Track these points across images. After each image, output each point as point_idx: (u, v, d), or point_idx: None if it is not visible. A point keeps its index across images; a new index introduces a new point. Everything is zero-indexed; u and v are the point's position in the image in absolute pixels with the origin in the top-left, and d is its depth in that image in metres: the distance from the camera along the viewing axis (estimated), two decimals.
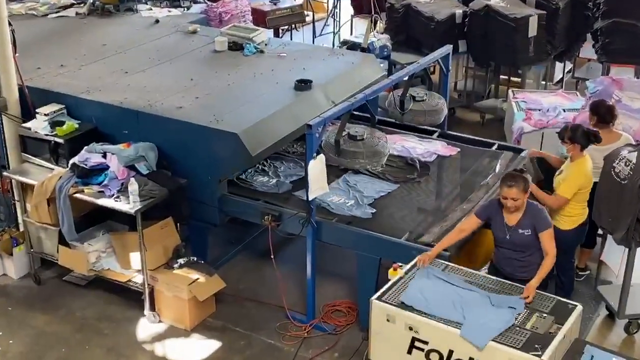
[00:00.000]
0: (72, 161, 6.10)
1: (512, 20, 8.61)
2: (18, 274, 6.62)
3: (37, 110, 6.45)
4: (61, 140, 6.25)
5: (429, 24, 9.11)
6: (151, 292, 6.05)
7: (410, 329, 4.56)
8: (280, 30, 11.22)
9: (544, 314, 4.54)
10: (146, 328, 6.06)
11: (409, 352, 4.61)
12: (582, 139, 5.61)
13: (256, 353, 5.80)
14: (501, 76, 10.00)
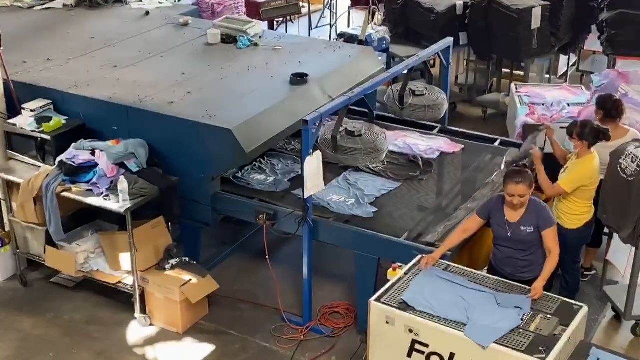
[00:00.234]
0: (59, 158, 6.09)
1: (514, 12, 8.62)
2: (4, 276, 6.61)
3: (23, 106, 6.44)
4: (48, 137, 6.24)
5: (429, 15, 9.12)
6: (142, 294, 6.04)
7: (411, 331, 4.56)
8: (275, 23, 11.20)
9: (549, 315, 4.55)
10: (137, 331, 6.05)
11: (409, 355, 4.61)
12: (590, 136, 5.60)
13: (251, 357, 5.80)
14: (503, 69, 10.01)
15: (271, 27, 10.95)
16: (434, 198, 6.29)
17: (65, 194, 5.97)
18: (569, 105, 7.58)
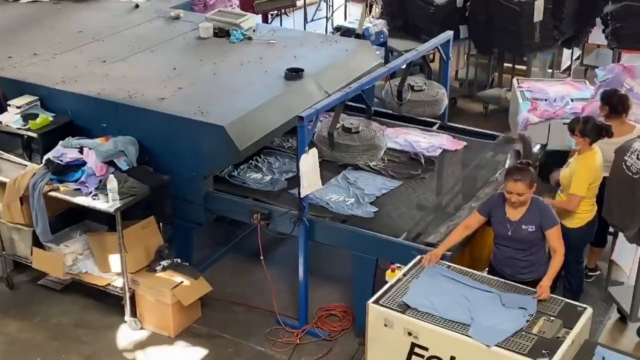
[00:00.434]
0: (46, 157, 6.08)
1: (516, 4, 8.61)
2: None
3: (8, 103, 6.42)
4: (35, 135, 6.23)
5: (428, 8, 9.11)
6: (132, 297, 6.04)
7: (410, 334, 4.56)
8: (270, 16, 11.20)
9: (552, 318, 4.54)
10: (127, 335, 6.05)
11: (408, 359, 4.60)
12: (592, 132, 5.60)
13: None
14: (505, 64, 10.02)
15: (265, 20, 10.94)
16: (435, 197, 6.28)
17: (52, 193, 5.95)
18: (572, 100, 7.59)
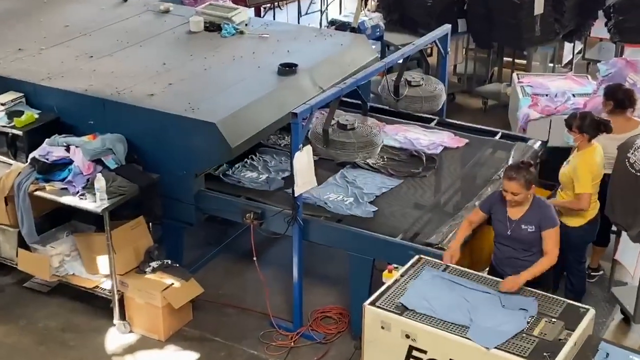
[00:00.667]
0: (32, 155, 6.06)
1: None
2: None
3: None
4: (20, 132, 6.21)
5: (426, 1, 9.11)
6: (121, 300, 6.03)
7: (407, 336, 4.56)
8: (262, 9, 11.19)
9: (553, 319, 4.55)
10: (116, 339, 6.04)
11: None
12: (590, 128, 5.60)
13: None
14: (505, 58, 10.03)
15: (258, 14, 10.93)
16: (437, 196, 6.28)
17: (38, 193, 5.94)
18: (574, 95, 7.60)
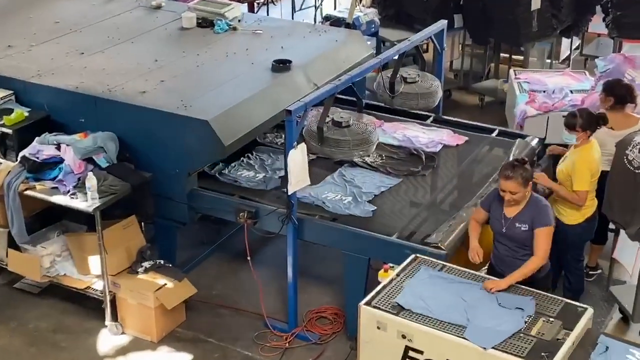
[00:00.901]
0: (21, 154, 6.05)
1: None
2: None
3: None
4: (9, 131, 6.20)
5: None
6: (113, 300, 6.02)
7: (404, 337, 4.57)
8: (256, 5, 11.18)
9: (551, 319, 4.56)
10: (108, 340, 6.03)
11: None
12: (592, 124, 5.63)
13: None
14: (501, 54, 10.04)
15: (251, 9, 10.93)
16: (437, 195, 6.28)
17: (28, 192, 5.93)
18: (571, 92, 7.62)
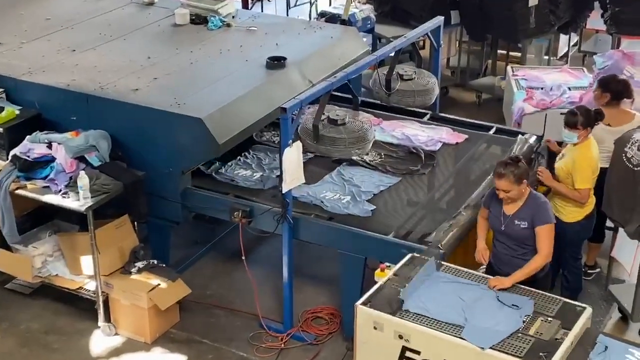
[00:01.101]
0: (12, 153, 6.04)
1: None
2: None
3: None
4: (0, 129, 6.16)
5: None
6: (106, 301, 6.01)
7: (400, 337, 4.57)
8: (250, 1, 11.16)
9: (549, 318, 4.57)
10: (101, 341, 6.03)
11: None
12: (592, 121, 5.66)
13: None
14: (499, 51, 10.05)
15: (245, 6, 10.93)
16: (436, 194, 6.27)
17: (19, 191, 5.92)
18: (569, 89, 7.62)
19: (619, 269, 6.47)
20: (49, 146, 5.99)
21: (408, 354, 4.58)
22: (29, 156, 5.96)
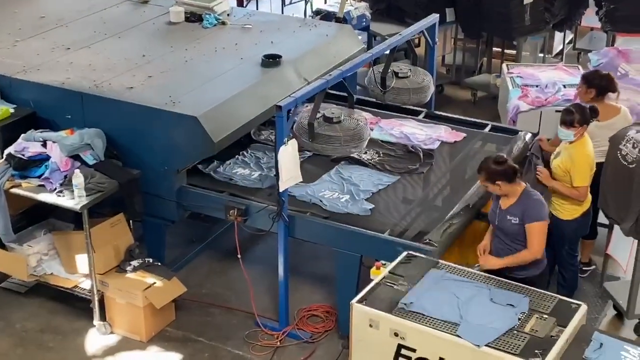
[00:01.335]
0: (7, 151, 6.03)
1: None
2: None
3: None
4: None
5: None
6: (101, 300, 6.02)
7: (396, 335, 4.58)
8: None
9: (545, 315, 4.57)
10: (96, 340, 6.03)
11: None
12: (587, 118, 5.68)
13: None
14: (494, 48, 10.05)
15: (240, 3, 10.92)
16: (435, 193, 6.28)
17: (14, 190, 5.91)
18: (564, 86, 7.62)
19: (614, 266, 6.49)
20: (44, 145, 5.99)
21: (404, 351, 4.58)
22: (23, 155, 5.95)
